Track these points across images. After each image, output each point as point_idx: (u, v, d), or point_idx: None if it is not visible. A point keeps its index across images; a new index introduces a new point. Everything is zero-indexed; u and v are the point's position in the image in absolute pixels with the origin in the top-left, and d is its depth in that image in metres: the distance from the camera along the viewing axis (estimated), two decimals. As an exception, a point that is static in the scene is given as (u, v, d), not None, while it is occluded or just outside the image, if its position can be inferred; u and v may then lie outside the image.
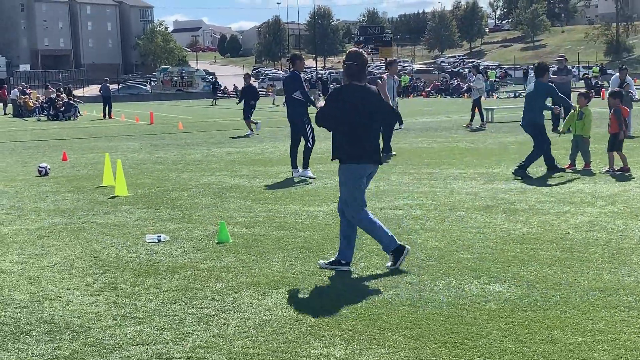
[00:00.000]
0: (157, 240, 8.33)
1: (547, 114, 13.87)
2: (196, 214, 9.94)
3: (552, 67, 23.69)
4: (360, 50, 7.11)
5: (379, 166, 7.09)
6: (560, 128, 13.30)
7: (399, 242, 6.78)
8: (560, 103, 13.91)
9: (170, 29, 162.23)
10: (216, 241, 8.16)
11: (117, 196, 11.66)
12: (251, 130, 24.46)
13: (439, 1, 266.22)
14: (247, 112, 24.43)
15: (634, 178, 11.78)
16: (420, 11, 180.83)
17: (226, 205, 10.56)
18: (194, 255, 7.61)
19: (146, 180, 13.52)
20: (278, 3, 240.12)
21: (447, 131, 22.98)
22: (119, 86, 78.89)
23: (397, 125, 24.45)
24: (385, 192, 11.22)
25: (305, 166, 13.29)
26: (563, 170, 12.63)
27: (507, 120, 25.67)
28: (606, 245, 7.33)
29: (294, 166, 13.49)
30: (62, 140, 24.54)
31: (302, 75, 13.57)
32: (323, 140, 17.03)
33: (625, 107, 13.36)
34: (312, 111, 11.49)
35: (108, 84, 41.55)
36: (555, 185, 11.33)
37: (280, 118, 30.52)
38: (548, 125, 16.07)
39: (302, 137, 13.38)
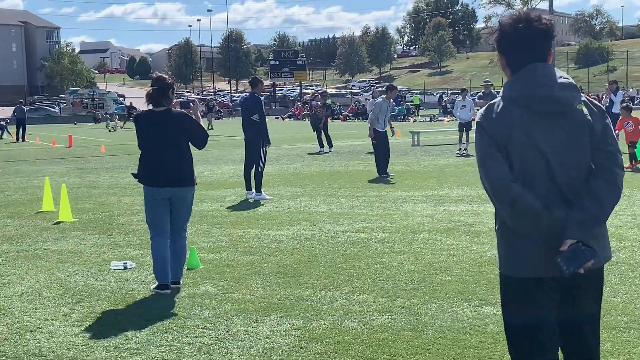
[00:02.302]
0: (123, 267, 8.06)
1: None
2: (154, 240, 9.65)
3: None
4: (163, 75, 7.37)
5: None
6: None
7: (168, 283, 6.96)
8: None
9: (77, 50, 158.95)
10: (186, 267, 7.94)
11: (62, 222, 11.25)
12: None
13: (348, 27, 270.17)
14: None
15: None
16: (330, 36, 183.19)
17: (181, 230, 10.30)
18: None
19: (86, 205, 13.09)
20: (190, 26, 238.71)
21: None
22: (27, 108, 76.49)
23: (326, 149, 24.66)
24: (340, 214, 11.20)
25: (259, 189, 13.27)
26: None
27: (434, 144, 26.09)
28: (580, 265, 7.47)
29: (249, 188, 13.48)
30: (-20, 163, 23.58)
31: (262, 98, 13.58)
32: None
33: None
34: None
35: (23, 106, 40.30)
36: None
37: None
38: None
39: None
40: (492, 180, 3.15)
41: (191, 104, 7.76)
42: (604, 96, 22.43)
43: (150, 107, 7.16)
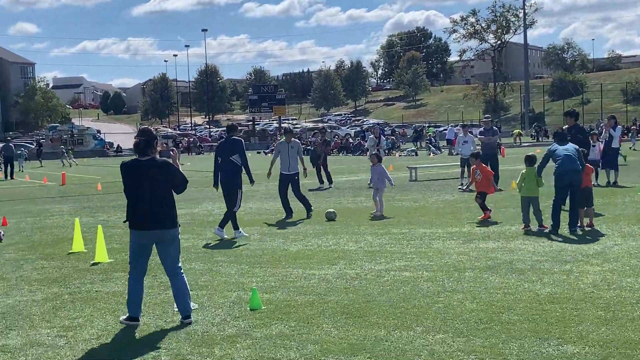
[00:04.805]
0: (186, 309, 8.17)
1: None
2: (201, 280, 9.80)
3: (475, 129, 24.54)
4: (149, 127, 8.14)
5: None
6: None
7: (138, 315, 7.66)
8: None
9: (50, 85, 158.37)
10: (248, 308, 8.09)
11: (99, 262, 11.35)
12: None
13: (322, 61, 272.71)
14: None
15: (604, 235, 12.34)
16: (304, 70, 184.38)
17: (224, 270, 10.45)
18: (237, 323, 7.52)
19: (115, 245, 13.15)
20: (165, 61, 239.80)
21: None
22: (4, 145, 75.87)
23: (326, 185, 24.88)
24: (374, 253, 11.39)
25: (222, 226, 13.71)
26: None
27: (431, 179, 26.40)
28: (638, 303, 7.72)
29: (236, 227, 13.82)
30: (-19, 203, 23.50)
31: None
32: (274, 198, 17.07)
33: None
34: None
35: (11, 144, 40.11)
36: (535, 244, 11.77)
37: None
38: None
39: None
40: None
41: (171, 152, 8.36)
42: (603, 131, 22.86)
43: (136, 156, 7.75)
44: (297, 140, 17.51)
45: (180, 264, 7.88)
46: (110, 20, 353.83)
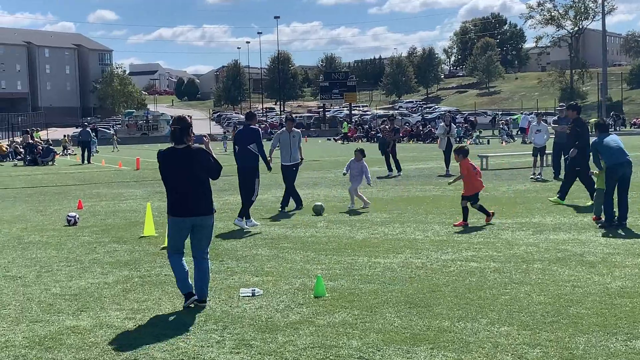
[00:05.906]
0: (251, 294, 8.27)
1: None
2: (267, 266, 9.89)
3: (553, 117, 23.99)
4: (184, 115, 8.28)
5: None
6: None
7: (192, 289, 7.84)
8: None
9: (127, 72, 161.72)
10: (313, 295, 8.13)
11: (169, 247, 11.53)
12: None
13: (394, 47, 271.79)
14: None
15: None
16: (376, 57, 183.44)
17: (290, 257, 10.52)
18: (301, 310, 7.57)
19: (184, 230, 13.36)
20: (238, 48, 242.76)
21: (448, 178, 23.21)
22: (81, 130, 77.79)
23: (395, 172, 24.75)
24: (441, 242, 11.31)
25: (248, 216, 13.64)
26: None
27: (502, 167, 26.02)
28: None
29: (247, 216, 13.75)
30: (62, 187, 24.23)
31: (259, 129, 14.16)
32: (343, 186, 17.07)
33: None
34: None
35: (88, 129, 41.10)
36: (607, 236, 11.51)
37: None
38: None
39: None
40: None
41: (204, 138, 8.45)
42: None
43: (173, 144, 7.87)
44: (298, 130, 16.89)
45: (208, 250, 8.11)
46: (186, 8, 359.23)
